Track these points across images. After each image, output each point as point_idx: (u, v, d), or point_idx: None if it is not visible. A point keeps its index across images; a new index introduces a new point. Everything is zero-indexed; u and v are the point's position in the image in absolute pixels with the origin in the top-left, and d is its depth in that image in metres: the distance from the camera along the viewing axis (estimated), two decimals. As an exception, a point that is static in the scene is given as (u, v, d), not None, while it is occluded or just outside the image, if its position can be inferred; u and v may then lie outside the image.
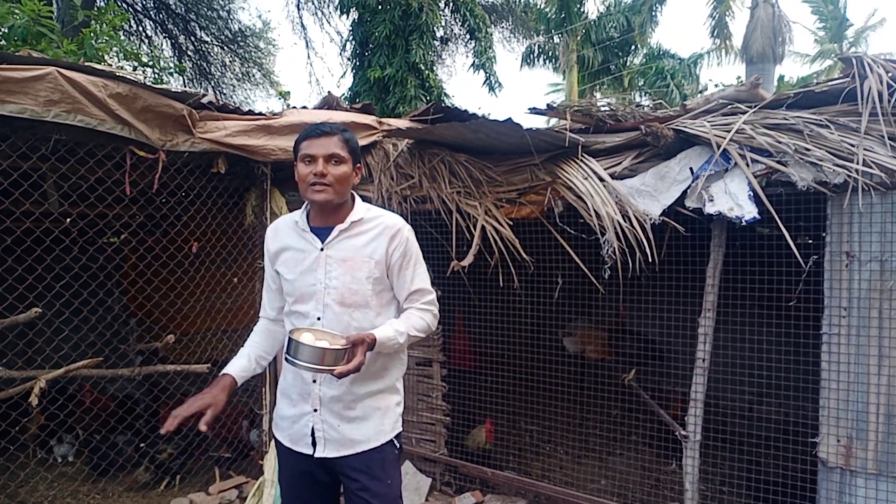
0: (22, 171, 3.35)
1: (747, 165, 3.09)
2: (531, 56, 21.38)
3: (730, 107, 3.45)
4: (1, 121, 2.91)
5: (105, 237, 5.68)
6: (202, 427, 1.97)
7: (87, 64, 3.33)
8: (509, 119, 3.58)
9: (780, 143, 3.02)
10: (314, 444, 2.11)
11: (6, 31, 5.05)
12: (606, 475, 4.44)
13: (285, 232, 2.21)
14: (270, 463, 3.96)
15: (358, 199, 2.20)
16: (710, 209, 3.12)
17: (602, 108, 3.99)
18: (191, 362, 4.04)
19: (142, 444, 4.20)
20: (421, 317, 2.18)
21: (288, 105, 5.45)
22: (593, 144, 3.77)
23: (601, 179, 3.55)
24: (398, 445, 2.22)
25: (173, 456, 4.19)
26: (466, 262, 3.78)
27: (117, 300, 5.97)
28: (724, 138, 3.16)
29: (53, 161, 3.36)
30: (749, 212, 3.00)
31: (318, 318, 2.08)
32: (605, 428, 4.95)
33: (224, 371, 2.16)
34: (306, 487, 2.20)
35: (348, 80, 12.68)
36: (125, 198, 3.71)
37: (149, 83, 3.42)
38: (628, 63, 21.31)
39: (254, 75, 15.27)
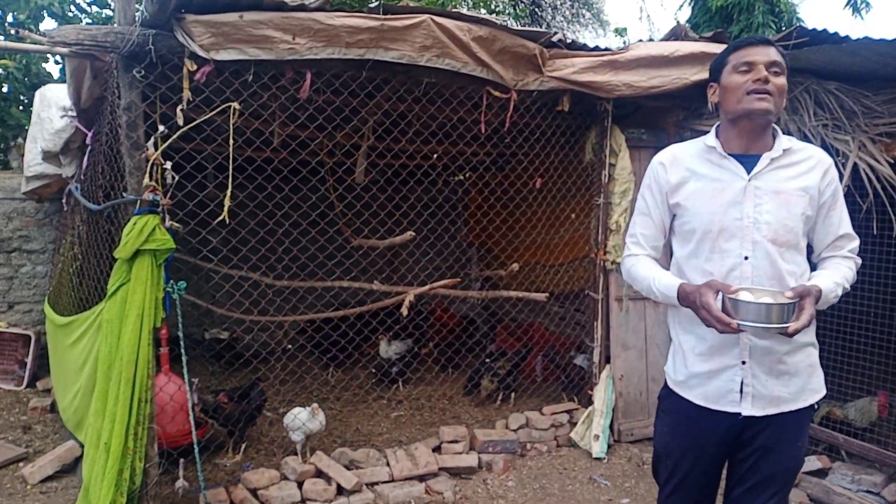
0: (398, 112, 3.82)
1: None
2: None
3: None
4: (383, 66, 3.32)
5: (460, 174, 6.32)
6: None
7: (453, 10, 3.65)
8: (898, 38, 3.03)
9: None
10: (741, 400, 1.90)
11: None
12: None
13: (690, 160, 1.99)
14: (600, 394, 4.08)
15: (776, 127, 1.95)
16: None
17: None
18: (529, 291, 4.34)
19: (487, 360, 4.67)
20: (850, 266, 1.91)
21: (625, 42, 5.33)
22: None
23: None
24: (816, 408, 2.01)
25: (512, 373, 4.58)
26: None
27: (462, 231, 6.67)
28: None
29: (424, 103, 3.80)
30: None
31: (746, 258, 1.86)
32: None
33: (679, 283, 1.90)
34: (709, 449, 1.99)
35: (685, 13, 11.84)
36: (480, 136, 4.05)
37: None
38: None
39: (583, 16, 15.20)
